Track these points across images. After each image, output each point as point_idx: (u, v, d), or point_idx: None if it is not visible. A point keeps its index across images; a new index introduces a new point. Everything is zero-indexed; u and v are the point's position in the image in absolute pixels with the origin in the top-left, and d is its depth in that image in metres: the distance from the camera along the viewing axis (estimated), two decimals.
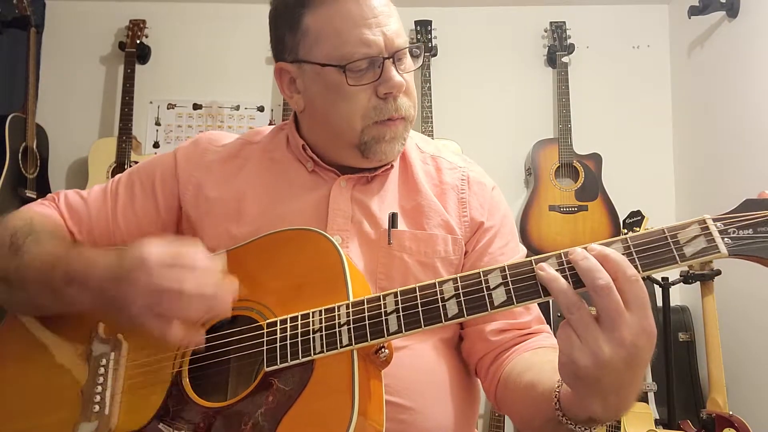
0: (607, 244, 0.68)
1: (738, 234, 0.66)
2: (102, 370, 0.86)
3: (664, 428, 2.19)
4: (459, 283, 0.73)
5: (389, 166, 1.05)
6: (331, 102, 0.97)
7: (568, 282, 0.67)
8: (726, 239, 0.66)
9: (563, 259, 0.69)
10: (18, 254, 0.90)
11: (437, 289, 0.74)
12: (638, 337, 0.64)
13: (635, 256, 0.68)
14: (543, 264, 0.69)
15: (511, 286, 0.71)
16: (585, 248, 0.68)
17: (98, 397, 0.84)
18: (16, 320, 0.96)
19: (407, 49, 0.98)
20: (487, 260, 1.03)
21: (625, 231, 2.16)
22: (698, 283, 2.12)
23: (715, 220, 0.67)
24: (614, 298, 0.64)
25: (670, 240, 0.67)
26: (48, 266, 0.87)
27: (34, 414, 0.88)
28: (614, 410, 0.69)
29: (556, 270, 0.68)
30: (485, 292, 0.71)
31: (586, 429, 0.73)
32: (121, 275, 0.78)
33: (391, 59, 0.95)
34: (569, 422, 0.73)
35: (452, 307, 0.72)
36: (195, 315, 0.77)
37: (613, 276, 0.65)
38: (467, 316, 0.71)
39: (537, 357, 0.93)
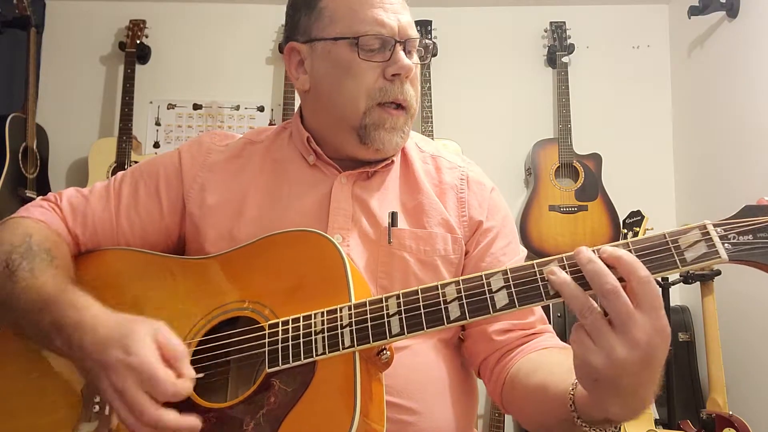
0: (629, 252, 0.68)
1: (738, 239, 0.66)
2: None
3: (664, 428, 2.19)
4: (461, 286, 0.73)
5: (389, 162, 1.05)
6: (337, 79, 0.99)
7: None
8: (726, 245, 0.66)
9: (565, 263, 0.69)
10: (11, 280, 0.88)
11: (439, 291, 0.74)
12: (652, 337, 0.64)
13: None
14: (554, 268, 0.69)
15: (513, 289, 0.71)
16: (597, 250, 0.68)
17: (98, 398, 0.84)
18: None
19: (416, 44, 1.01)
20: (489, 261, 1.03)
21: (625, 231, 2.17)
22: (698, 283, 2.13)
23: (715, 225, 0.67)
24: (623, 301, 0.64)
25: (671, 245, 0.67)
26: (37, 305, 0.85)
27: (35, 413, 0.88)
28: (633, 410, 0.69)
29: None
30: (487, 295, 0.72)
31: (601, 429, 0.73)
32: (100, 361, 0.78)
33: (402, 45, 0.98)
34: (584, 424, 0.74)
35: (454, 310, 0.72)
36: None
37: (626, 277, 0.65)
38: (469, 318, 0.72)
39: (544, 358, 0.93)
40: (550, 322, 1.05)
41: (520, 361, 0.95)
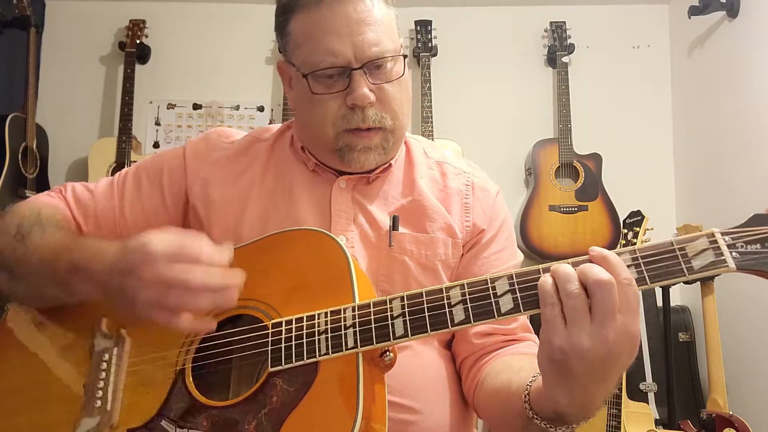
0: (617, 255, 0.68)
1: (746, 248, 0.65)
2: (104, 365, 0.86)
3: (664, 428, 2.19)
4: (466, 289, 0.73)
5: (387, 165, 1.05)
6: (306, 105, 0.98)
7: None
8: (734, 253, 0.66)
9: (570, 262, 0.69)
10: (23, 243, 0.90)
11: (444, 294, 0.74)
12: (620, 337, 0.65)
13: (643, 267, 0.68)
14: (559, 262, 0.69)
15: (518, 294, 0.71)
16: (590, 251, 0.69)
17: (100, 393, 0.84)
18: (19, 314, 0.96)
19: (385, 61, 0.95)
20: (480, 264, 1.03)
21: (626, 231, 2.17)
22: (698, 283, 2.12)
23: (723, 233, 0.67)
24: (615, 296, 0.64)
25: (678, 252, 0.67)
26: (52, 255, 0.87)
27: (37, 408, 0.88)
28: (579, 407, 0.69)
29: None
30: (492, 299, 0.71)
31: (553, 427, 0.73)
32: (125, 268, 0.77)
33: (361, 69, 0.93)
34: (536, 416, 0.74)
35: (459, 313, 0.72)
36: (202, 307, 0.76)
37: None
38: (474, 322, 0.72)
39: (516, 360, 0.93)
40: None
41: (493, 363, 0.95)
